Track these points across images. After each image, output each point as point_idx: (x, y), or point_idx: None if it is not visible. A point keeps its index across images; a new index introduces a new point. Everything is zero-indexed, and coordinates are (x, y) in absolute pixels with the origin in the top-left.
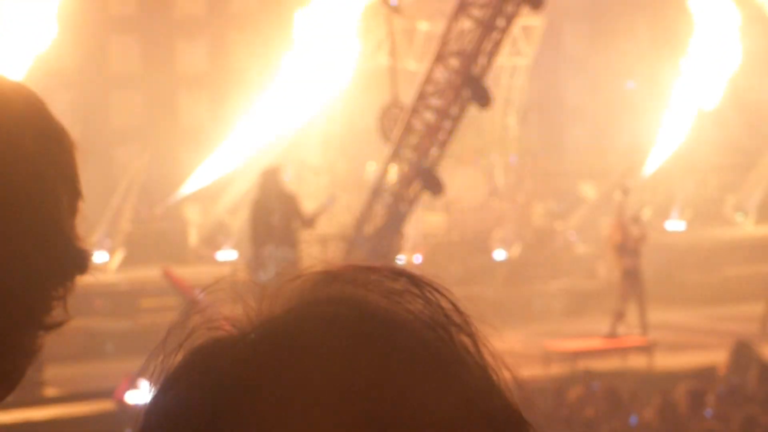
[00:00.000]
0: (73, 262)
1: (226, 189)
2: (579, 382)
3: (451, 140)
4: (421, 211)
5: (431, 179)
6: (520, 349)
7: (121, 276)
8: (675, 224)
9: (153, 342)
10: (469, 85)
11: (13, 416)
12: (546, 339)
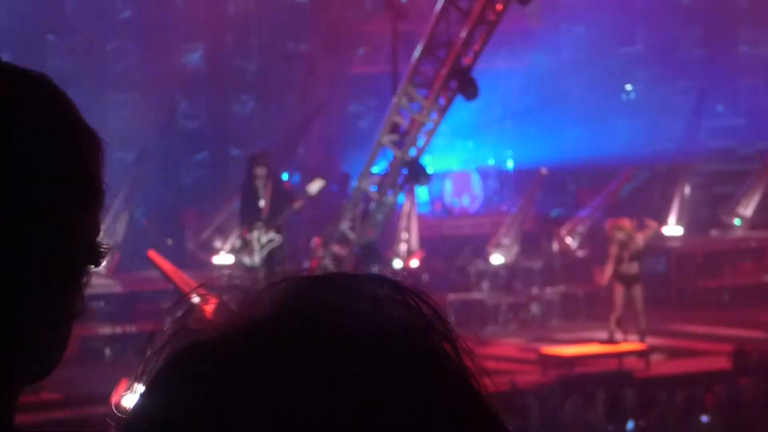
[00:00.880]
0: (85, 254)
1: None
2: (576, 387)
3: (436, 131)
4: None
5: (417, 169)
6: (516, 354)
7: (117, 279)
8: (672, 229)
9: (149, 346)
10: (456, 77)
11: None
12: (543, 344)
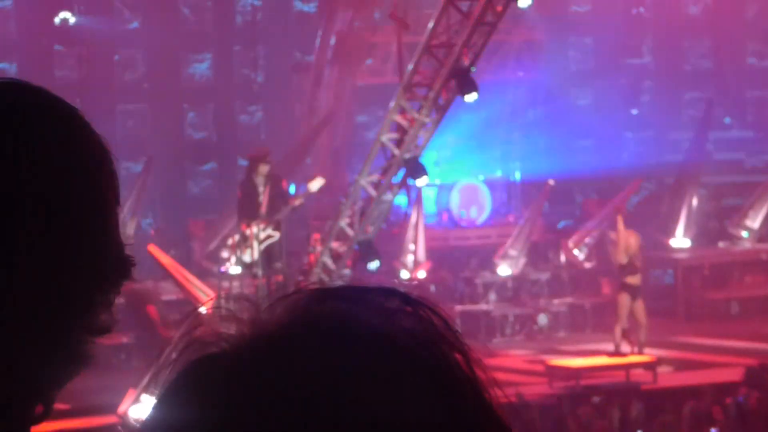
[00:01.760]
0: (120, 268)
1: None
2: (584, 399)
3: (436, 130)
4: (425, 226)
5: (416, 166)
6: (523, 366)
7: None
8: (680, 241)
9: (160, 358)
10: (456, 77)
11: None
12: (550, 356)
